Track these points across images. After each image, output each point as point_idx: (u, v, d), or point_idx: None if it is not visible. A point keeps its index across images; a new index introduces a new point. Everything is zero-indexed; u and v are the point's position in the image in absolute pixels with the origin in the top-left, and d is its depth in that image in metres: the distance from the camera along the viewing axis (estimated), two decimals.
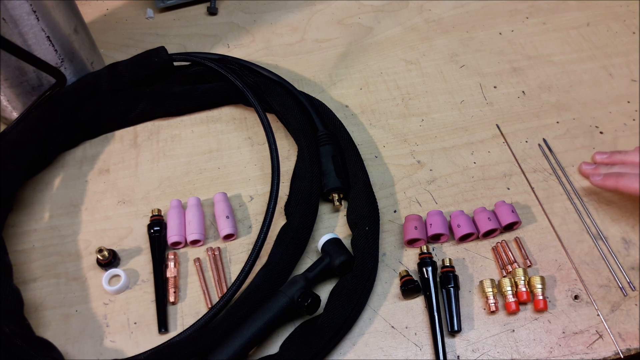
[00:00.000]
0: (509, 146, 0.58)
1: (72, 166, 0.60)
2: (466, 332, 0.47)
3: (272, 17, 0.73)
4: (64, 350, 0.47)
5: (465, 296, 0.49)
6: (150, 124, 0.63)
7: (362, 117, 0.62)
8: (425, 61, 0.66)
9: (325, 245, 0.50)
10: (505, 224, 0.51)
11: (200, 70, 0.62)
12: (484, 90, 0.63)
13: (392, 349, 0.47)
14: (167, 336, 0.48)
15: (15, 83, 0.57)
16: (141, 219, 0.55)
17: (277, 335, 0.48)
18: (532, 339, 0.46)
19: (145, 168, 0.59)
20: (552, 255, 0.51)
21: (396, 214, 0.54)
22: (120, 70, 0.61)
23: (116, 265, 0.52)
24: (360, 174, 0.54)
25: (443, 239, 0.52)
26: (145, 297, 0.51)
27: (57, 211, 0.56)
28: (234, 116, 0.63)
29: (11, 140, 0.55)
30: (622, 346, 0.46)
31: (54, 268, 0.53)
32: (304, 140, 0.56)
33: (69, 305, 0.50)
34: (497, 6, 0.71)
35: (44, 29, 0.56)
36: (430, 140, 0.59)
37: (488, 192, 0.55)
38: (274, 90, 0.59)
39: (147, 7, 0.74)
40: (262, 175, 0.58)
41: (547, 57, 0.66)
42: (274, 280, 0.48)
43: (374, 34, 0.70)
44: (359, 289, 0.47)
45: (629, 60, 0.64)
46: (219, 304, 0.47)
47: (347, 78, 0.66)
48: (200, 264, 0.52)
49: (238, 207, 0.56)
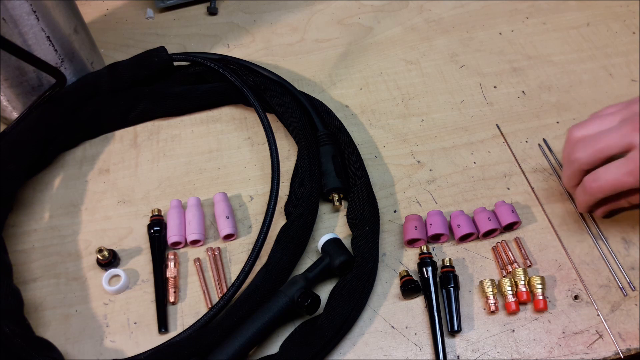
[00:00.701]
0: (509, 146, 0.58)
1: (72, 166, 0.60)
2: (466, 332, 0.47)
3: (272, 17, 0.73)
4: (64, 350, 0.47)
5: (465, 296, 0.49)
6: (150, 124, 0.63)
7: (362, 117, 0.62)
8: (425, 61, 0.66)
9: (325, 245, 0.50)
10: (505, 224, 0.51)
11: (200, 70, 0.62)
12: (484, 90, 0.63)
13: (392, 349, 0.47)
14: (167, 336, 0.48)
15: (15, 83, 0.57)
16: (141, 219, 0.55)
17: (277, 335, 0.48)
18: (532, 339, 0.46)
19: (145, 168, 0.59)
20: (552, 255, 0.51)
21: (396, 214, 0.54)
22: (120, 70, 0.61)
23: (116, 265, 0.52)
24: (360, 174, 0.54)
25: (443, 239, 0.52)
26: (145, 297, 0.51)
27: (57, 211, 0.56)
28: (234, 116, 0.63)
29: (11, 140, 0.55)
30: (622, 346, 0.46)
31: (54, 268, 0.53)
32: (304, 140, 0.56)
33: (69, 305, 0.50)
34: (497, 6, 0.71)
35: (44, 29, 0.56)
36: (430, 140, 0.59)
37: (488, 192, 0.55)
38: (274, 90, 0.59)
39: (147, 7, 0.74)
40: (262, 175, 0.58)
41: (547, 57, 0.66)
42: (274, 280, 0.48)
43: (374, 34, 0.70)
44: (359, 289, 0.47)
45: (629, 60, 0.64)
46: (219, 304, 0.47)
47: (347, 78, 0.66)
48: (200, 264, 0.52)
49: (238, 207, 0.56)
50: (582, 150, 0.46)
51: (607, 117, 0.46)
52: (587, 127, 0.47)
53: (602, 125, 0.46)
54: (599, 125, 0.46)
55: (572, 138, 0.48)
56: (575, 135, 0.47)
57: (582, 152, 0.46)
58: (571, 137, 0.48)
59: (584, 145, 0.46)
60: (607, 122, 0.46)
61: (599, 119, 0.47)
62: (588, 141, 0.46)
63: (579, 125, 0.47)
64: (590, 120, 0.47)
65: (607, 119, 0.46)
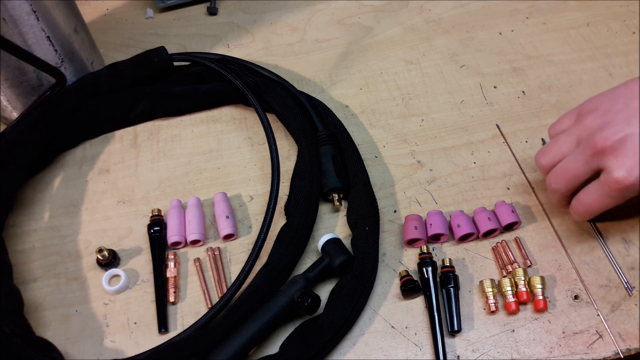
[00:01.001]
0: (509, 146, 0.58)
1: (72, 166, 0.60)
2: (466, 332, 0.47)
3: (272, 17, 0.73)
4: (64, 350, 0.47)
5: (465, 296, 0.49)
6: (150, 124, 0.63)
7: (362, 117, 0.62)
8: (425, 61, 0.66)
9: (325, 245, 0.50)
10: (505, 224, 0.51)
11: (200, 70, 0.62)
12: (484, 90, 0.63)
13: (392, 349, 0.47)
14: (167, 336, 0.48)
15: (15, 83, 0.57)
16: (141, 219, 0.55)
17: (277, 335, 0.48)
18: (532, 339, 0.46)
19: (145, 168, 0.59)
20: (552, 255, 0.51)
21: (396, 214, 0.54)
22: (120, 70, 0.61)
23: (116, 265, 0.53)
24: (360, 174, 0.54)
25: (443, 239, 0.52)
26: (145, 297, 0.51)
27: (57, 211, 0.56)
28: (234, 116, 0.63)
29: (11, 140, 0.55)
30: (622, 346, 0.46)
31: (54, 268, 0.53)
32: (304, 140, 0.56)
33: (69, 305, 0.50)
34: (497, 6, 0.71)
35: (44, 29, 0.56)
36: (430, 140, 0.59)
37: (488, 192, 0.55)
38: (274, 90, 0.59)
39: (147, 7, 0.74)
40: (262, 175, 0.58)
41: (547, 57, 0.66)
42: (274, 280, 0.48)
43: (374, 34, 0.70)
44: (359, 289, 0.47)
45: (629, 60, 0.64)
46: (219, 304, 0.47)
47: (347, 78, 0.66)
48: (200, 264, 0.52)
49: (238, 207, 0.56)
50: (556, 182, 0.47)
51: (563, 139, 0.47)
52: (549, 153, 0.48)
53: (563, 148, 0.47)
54: (559, 148, 0.47)
55: (542, 168, 0.49)
56: (542, 163, 0.48)
57: (557, 183, 0.47)
58: (540, 168, 0.49)
59: (556, 176, 0.47)
60: (565, 146, 0.46)
61: (556, 143, 0.47)
62: (558, 172, 0.46)
63: (542, 154, 0.48)
64: (550, 146, 0.48)
65: (564, 140, 0.47)
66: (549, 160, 0.48)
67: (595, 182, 0.45)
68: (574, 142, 0.46)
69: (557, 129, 0.49)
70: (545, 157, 0.48)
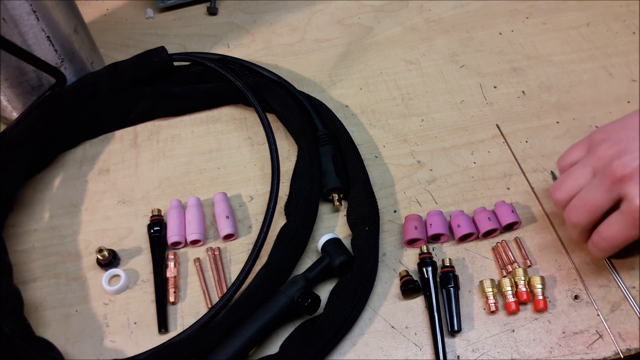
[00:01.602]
0: (509, 146, 0.58)
1: (72, 166, 0.60)
2: (466, 332, 0.47)
3: (272, 17, 0.73)
4: (64, 350, 0.47)
5: (465, 296, 0.49)
6: (150, 124, 0.63)
7: (362, 117, 0.62)
8: (425, 61, 0.66)
9: (325, 245, 0.50)
10: (505, 224, 0.51)
11: (200, 70, 0.62)
12: (484, 90, 0.63)
13: (392, 349, 0.47)
14: (167, 336, 0.48)
15: (15, 83, 0.57)
16: (141, 219, 0.55)
17: (277, 335, 0.48)
18: (532, 339, 0.46)
19: (145, 168, 0.59)
20: (552, 255, 0.51)
21: (396, 214, 0.54)
22: (120, 70, 0.61)
23: (116, 265, 0.53)
24: (360, 174, 0.54)
25: (443, 239, 0.52)
26: (145, 297, 0.51)
27: (57, 211, 0.56)
28: (234, 116, 0.63)
29: (11, 140, 0.55)
30: (622, 346, 0.46)
31: (54, 268, 0.53)
32: (304, 140, 0.56)
33: (69, 305, 0.50)
34: (497, 6, 0.71)
35: (44, 29, 0.56)
36: (430, 140, 0.59)
37: (488, 192, 0.55)
38: (274, 90, 0.59)
39: (147, 7, 0.74)
40: (262, 175, 0.58)
41: (547, 57, 0.66)
42: (274, 280, 0.48)
43: (374, 34, 0.70)
44: (359, 289, 0.47)
45: (629, 60, 0.64)
46: (219, 304, 0.47)
47: (347, 78, 0.66)
48: (200, 264, 0.52)
49: (238, 207, 0.56)
50: (576, 215, 0.45)
51: (579, 170, 0.45)
52: (565, 186, 0.46)
53: (579, 180, 0.45)
54: (575, 180, 0.45)
55: (558, 203, 0.47)
56: (559, 199, 0.46)
57: (578, 216, 0.45)
58: (557, 203, 0.47)
59: (576, 209, 0.45)
60: (582, 178, 0.45)
61: (571, 175, 0.46)
62: (577, 204, 0.45)
63: (557, 188, 0.46)
64: (565, 179, 0.46)
65: (579, 172, 0.45)
66: (566, 193, 0.46)
67: (617, 213, 0.43)
68: (589, 172, 0.45)
69: (567, 161, 0.47)
70: (561, 191, 0.46)
